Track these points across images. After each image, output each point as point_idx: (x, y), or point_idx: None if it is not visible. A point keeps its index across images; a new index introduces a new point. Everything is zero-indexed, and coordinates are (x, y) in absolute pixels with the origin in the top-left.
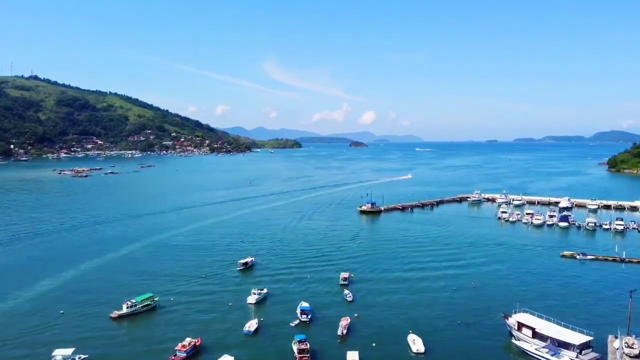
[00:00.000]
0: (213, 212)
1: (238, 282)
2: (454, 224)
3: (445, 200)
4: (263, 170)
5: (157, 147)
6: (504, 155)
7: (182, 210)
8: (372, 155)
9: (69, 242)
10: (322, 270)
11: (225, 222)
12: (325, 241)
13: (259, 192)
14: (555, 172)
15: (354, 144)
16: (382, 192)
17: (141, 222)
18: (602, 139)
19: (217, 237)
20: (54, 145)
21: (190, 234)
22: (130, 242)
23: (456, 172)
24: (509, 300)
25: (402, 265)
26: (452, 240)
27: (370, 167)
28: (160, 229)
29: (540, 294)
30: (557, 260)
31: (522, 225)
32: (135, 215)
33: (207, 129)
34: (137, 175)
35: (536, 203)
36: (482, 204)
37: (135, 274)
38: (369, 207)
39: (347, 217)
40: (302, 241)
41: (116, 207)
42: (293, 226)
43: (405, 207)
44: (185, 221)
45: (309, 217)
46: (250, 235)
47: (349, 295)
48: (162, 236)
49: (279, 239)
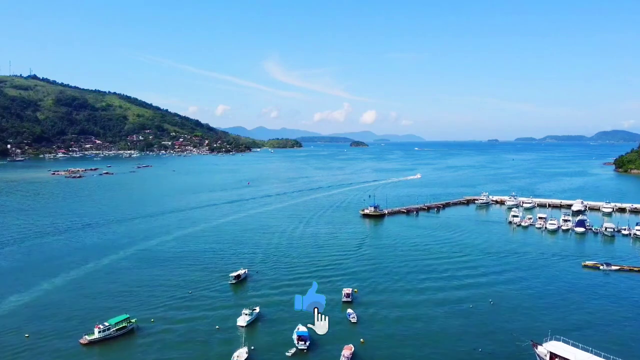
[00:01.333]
0: (207, 216)
1: (228, 298)
2: (462, 229)
3: (451, 202)
4: (262, 170)
5: (156, 147)
6: (506, 155)
7: (174, 214)
8: (373, 155)
9: (47, 250)
10: (322, 284)
11: (219, 227)
12: (326, 250)
13: (256, 194)
14: (561, 173)
15: (354, 144)
16: (386, 193)
17: (129, 227)
18: (603, 138)
19: (209, 244)
20: (52, 145)
21: (179, 241)
22: (114, 251)
23: (460, 173)
24: (532, 321)
25: (411, 278)
26: (462, 248)
27: (371, 167)
28: (149, 235)
29: (567, 313)
30: (579, 272)
31: (535, 230)
32: (124, 220)
33: (206, 129)
34: (132, 176)
35: (547, 206)
36: (490, 207)
37: (114, 289)
38: (372, 210)
39: (348, 222)
40: (300, 250)
41: (105, 211)
42: (291, 232)
43: (410, 210)
44: (176, 226)
45: (308, 222)
46: (245, 242)
47: (353, 316)
48: (150, 243)
49: (275, 247)
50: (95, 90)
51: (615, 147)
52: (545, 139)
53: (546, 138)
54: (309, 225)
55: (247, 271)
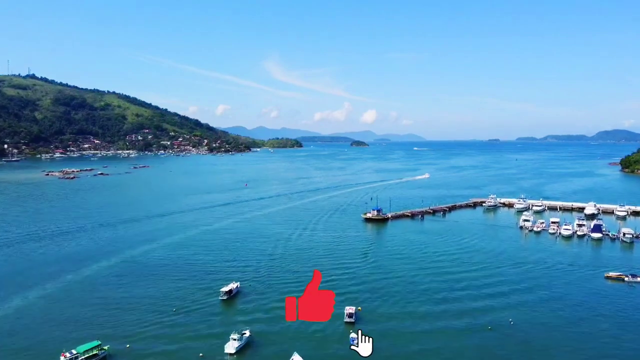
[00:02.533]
0: (200, 220)
1: (217, 318)
2: (471, 234)
3: (457, 205)
4: (261, 171)
5: (154, 147)
6: (509, 155)
7: (165, 218)
8: (374, 155)
9: (25, 259)
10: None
11: (211, 233)
12: (326, 260)
13: (254, 195)
14: (567, 173)
15: (355, 143)
16: (388, 195)
17: (116, 233)
18: (604, 137)
19: (199, 253)
20: (50, 145)
21: (167, 249)
22: (96, 260)
23: (464, 173)
24: (558, 346)
25: (419, 293)
26: (472, 256)
27: (372, 167)
28: (135, 242)
29: (596, 333)
30: (602, 284)
31: (549, 236)
32: (112, 224)
33: (206, 128)
34: (127, 177)
35: (558, 209)
36: (498, 210)
37: (90, 307)
38: (375, 214)
39: (350, 227)
40: (298, 260)
41: (94, 214)
42: (288, 239)
43: (415, 213)
44: (165, 232)
45: (307, 227)
46: (238, 251)
47: (357, 342)
48: (135, 252)
49: (270, 257)
50: (94, 90)
51: (617, 147)
52: (546, 138)
53: (547, 137)
54: (308, 231)
55: (239, 285)
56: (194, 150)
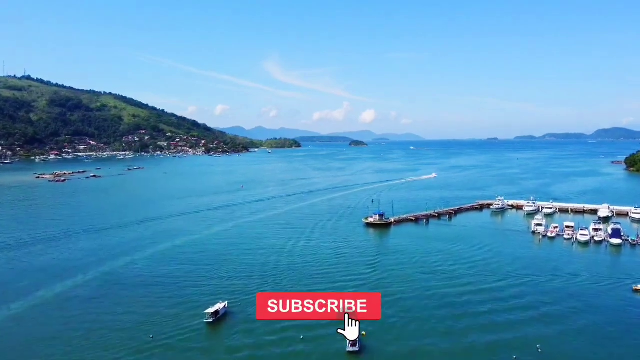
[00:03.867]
0: (189, 226)
1: (199, 347)
2: (481, 241)
3: (463, 208)
4: (258, 172)
5: (151, 148)
6: (510, 154)
7: (152, 224)
8: (373, 155)
9: None
10: (319, 324)
11: (201, 242)
12: (325, 273)
13: (249, 198)
14: (571, 172)
15: (353, 143)
16: (390, 197)
17: (98, 242)
18: (603, 136)
19: (185, 265)
20: (45, 146)
21: (151, 260)
22: (72, 273)
23: (466, 173)
24: None
25: (430, 310)
26: (486, 265)
27: (373, 167)
28: (117, 252)
29: None
30: (631, 299)
31: (564, 242)
32: (96, 230)
33: (203, 129)
34: (120, 179)
35: (569, 211)
36: (506, 213)
37: (56, 333)
38: (377, 218)
39: (351, 233)
40: (294, 274)
41: (78, 220)
42: (283, 248)
43: (419, 217)
44: (150, 241)
45: (304, 233)
46: (228, 263)
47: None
48: (116, 264)
49: (263, 271)
50: (90, 91)
51: (617, 145)
52: (545, 137)
53: (546, 136)
54: (306, 239)
55: (226, 305)
56: (190, 151)
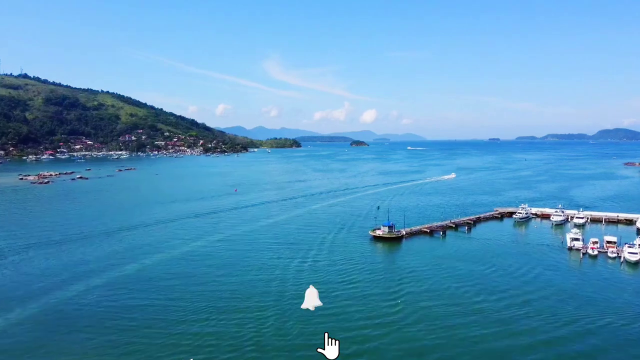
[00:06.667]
0: (166, 240)
1: None
2: (510, 259)
3: (482, 217)
4: (255, 173)
5: (148, 148)
6: (516, 155)
7: (122, 237)
8: (375, 155)
9: None
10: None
11: (174, 262)
12: (336, 315)
13: (242, 203)
14: (585, 175)
15: (354, 143)
16: (400, 203)
17: (56, 260)
18: (605, 136)
19: (149, 294)
20: (39, 145)
21: (111, 288)
22: (17, 303)
23: (475, 175)
24: None
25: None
26: (522, 293)
27: (375, 169)
28: (74, 275)
29: None
30: None
31: (609, 261)
32: (59, 242)
33: (202, 128)
34: (107, 181)
35: (603, 221)
36: (530, 222)
37: None
38: (386, 230)
39: (357, 250)
40: (286, 313)
41: (44, 229)
42: (271, 273)
43: (434, 229)
44: (117, 259)
45: (300, 252)
46: (202, 297)
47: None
48: (69, 292)
49: (246, 307)
50: (87, 89)
51: (621, 146)
52: (547, 137)
53: (547, 137)
54: (301, 260)
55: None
56: (188, 151)
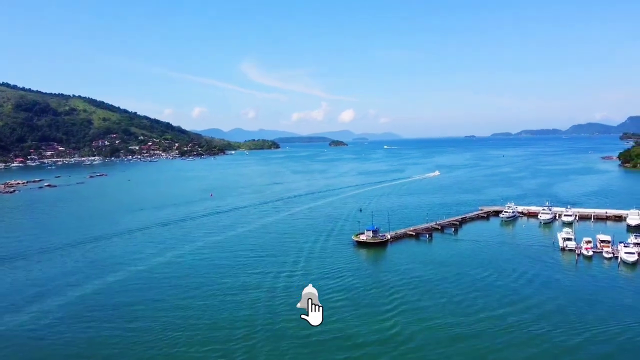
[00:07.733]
0: (132, 251)
1: None
2: (502, 262)
3: (468, 217)
4: (232, 176)
5: (122, 152)
6: (494, 151)
7: (85, 249)
8: (355, 155)
9: None
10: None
11: (142, 277)
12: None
13: (217, 208)
14: (565, 170)
15: (333, 143)
16: (381, 203)
17: (11, 277)
18: (578, 131)
19: (117, 320)
20: (9, 153)
21: (67, 310)
22: None
23: (455, 174)
24: None
25: None
26: (520, 298)
27: (355, 169)
28: (28, 296)
29: None
30: None
31: (604, 261)
32: (18, 257)
33: (178, 131)
34: (77, 189)
35: (592, 218)
36: (517, 221)
37: None
38: (370, 235)
39: (340, 258)
40: (257, 343)
41: (4, 243)
42: (245, 289)
43: (420, 231)
44: (80, 275)
45: (278, 264)
46: (170, 320)
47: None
48: (19, 317)
49: (219, 327)
50: (58, 94)
51: (595, 140)
52: (521, 133)
53: (522, 132)
54: (275, 274)
55: None
56: (163, 154)
